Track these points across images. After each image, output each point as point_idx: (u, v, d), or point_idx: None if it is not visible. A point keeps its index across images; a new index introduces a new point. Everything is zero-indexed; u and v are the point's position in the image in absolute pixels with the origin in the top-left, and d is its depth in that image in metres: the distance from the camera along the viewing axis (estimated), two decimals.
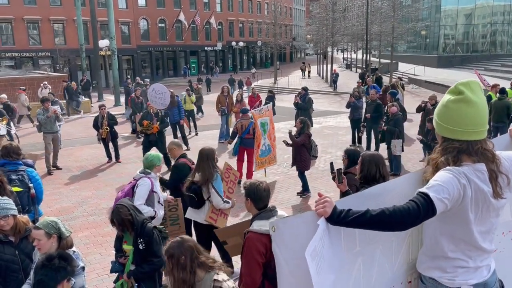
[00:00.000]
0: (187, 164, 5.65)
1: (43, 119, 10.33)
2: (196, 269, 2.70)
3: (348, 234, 2.15)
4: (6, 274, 3.51)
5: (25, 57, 38.98)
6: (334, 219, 2.02)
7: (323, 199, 2.06)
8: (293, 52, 71.13)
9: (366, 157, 3.74)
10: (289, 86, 34.68)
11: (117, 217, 3.79)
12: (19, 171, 5.16)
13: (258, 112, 9.69)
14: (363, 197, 2.24)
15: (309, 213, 2.10)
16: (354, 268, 2.22)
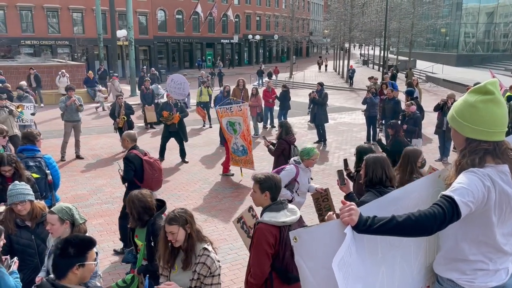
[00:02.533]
0: (138, 156, 5.74)
1: (63, 107, 10.48)
2: (195, 236, 3.05)
3: (370, 241, 2.11)
4: (22, 258, 3.59)
5: (44, 45, 39.46)
6: (360, 227, 1.96)
7: (348, 206, 1.99)
8: (310, 46, 70.67)
9: (370, 159, 3.65)
10: (305, 81, 34.48)
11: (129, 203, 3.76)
12: (37, 157, 5.24)
13: (226, 110, 9.03)
14: (385, 202, 2.19)
15: (335, 221, 2.04)
16: (378, 275, 2.17)
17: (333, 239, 1.96)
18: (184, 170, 10.09)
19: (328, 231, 2.02)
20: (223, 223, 7.02)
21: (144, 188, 5.35)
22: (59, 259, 2.35)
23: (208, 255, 2.98)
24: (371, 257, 2.13)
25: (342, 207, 2.02)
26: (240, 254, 5.93)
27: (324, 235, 2.01)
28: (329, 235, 2.00)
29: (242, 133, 8.90)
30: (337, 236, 1.96)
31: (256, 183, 3.35)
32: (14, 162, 4.43)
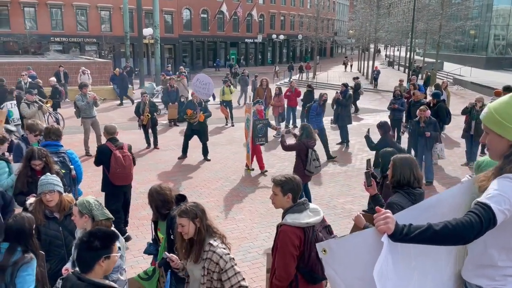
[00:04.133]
0: (108, 148, 6.15)
1: (83, 104, 10.66)
2: (205, 230, 3.07)
3: (404, 249, 2.05)
4: (50, 249, 3.70)
5: (73, 42, 40.43)
6: (397, 236, 1.91)
7: (383, 214, 1.94)
8: (334, 47, 70.09)
9: (398, 160, 3.59)
10: (328, 81, 34.24)
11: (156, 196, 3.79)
12: (60, 153, 5.35)
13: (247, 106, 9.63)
14: (420, 209, 2.14)
15: (369, 230, 1.99)
16: (410, 283, 2.12)
17: (368, 249, 1.90)
18: (206, 167, 10.18)
19: (362, 240, 1.96)
20: (244, 222, 7.04)
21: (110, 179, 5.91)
22: (86, 252, 2.40)
23: (214, 251, 2.98)
24: (404, 265, 2.08)
25: (377, 214, 1.96)
26: (261, 253, 5.95)
27: (357, 245, 1.95)
28: (364, 244, 1.93)
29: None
30: (372, 245, 1.90)
31: (278, 185, 3.29)
32: (44, 156, 4.55)
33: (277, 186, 3.28)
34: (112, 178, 6.05)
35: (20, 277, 2.99)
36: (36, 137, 5.77)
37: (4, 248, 3.07)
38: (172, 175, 9.53)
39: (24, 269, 3.01)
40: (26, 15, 38.27)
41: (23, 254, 3.06)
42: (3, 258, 3.02)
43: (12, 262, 3.00)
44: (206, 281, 3.01)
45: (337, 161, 10.87)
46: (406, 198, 3.40)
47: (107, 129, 6.55)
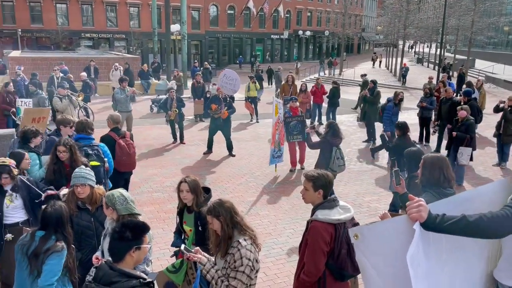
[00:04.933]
0: (112, 137, 6.37)
1: (121, 98, 10.89)
2: (231, 228, 3.05)
3: (436, 241, 2.05)
4: (81, 239, 3.82)
5: (102, 38, 41.33)
6: (430, 224, 1.91)
7: (416, 202, 1.95)
8: (361, 43, 69.08)
9: (428, 159, 3.53)
10: (355, 78, 33.80)
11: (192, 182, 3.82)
12: (94, 146, 5.51)
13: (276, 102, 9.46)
14: (455, 202, 2.13)
15: (401, 217, 2.00)
16: (440, 277, 2.11)
17: (399, 236, 1.92)
18: (231, 163, 10.24)
19: (393, 227, 1.97)
20: (268, 218, 7.06)
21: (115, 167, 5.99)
22: (118, 243, 2.46)
23: (239, 250, 2.98)
24: (435, 257, 2.07)
25: (410, 202, 1.97)
26: (284, 249, 5.96)
27: (388, 231, 1.97)
28: (395, 231, 1.95)
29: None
30: (404, 232, 1.91)
31: (309, 181, 3.30)
32: (69, 145, 4.67)
33: (309, 182, 3.29)
34: (118, 165, 6.26)
35: (48, 264, 3.09)
36: (71, 129, 5.97)
37: (38, 236, 3.18)
38: (197, 169, 9.63)
39: (54, 257, 3.11)
40: (58, 11, 39.31)
41: (56, 242, 3.17)
42: (37, 245, 3.13)
43: (44, 249, 3.11)
44: (222, 275, 3.05)
45: (363, 159, 10.75)
46: (435, 198, 3.34)
47: (113, 118, 6.73)
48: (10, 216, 4.16)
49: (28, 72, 15.25)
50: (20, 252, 3.18)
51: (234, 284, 2.98)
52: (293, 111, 9.38)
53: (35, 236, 3.18)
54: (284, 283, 5.10)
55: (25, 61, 20.17)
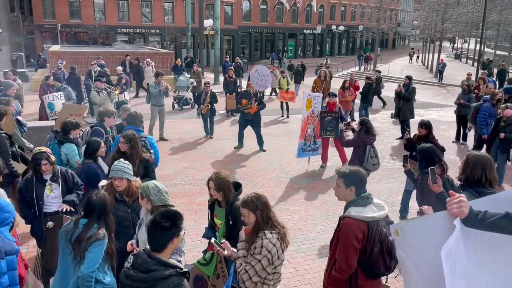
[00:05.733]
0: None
1: (155, 91, 11.12)
2: (265, 222, 3.10)
3: (477, 240, 2.01)
4: (119, 229, 3.95)
5: (137, 33, 42.20)
6: (471, 220, 1.89)
7: (457, 198, 1.93)
8: (397, 38, 67.44)
9: (472, 157, 3.42)
10: (389, 74, 33.09)
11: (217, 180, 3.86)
12: (142, 137, 5.66)
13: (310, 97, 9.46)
14: (498, 199, 2.07)
15: (441, 213, 1.98)
16: (482, 278, 2.06)
17: (438, 231, 1.90)
18: (261, 158, 10.27)
19: (434, 223, 1.96)
20: (298, 213, 7.05)
21: None
22: (162, 234, 2.52)
23: (262, 239, 3.03)
24: (476, 257, 2.03)
25: (450, 198, 1.95)
26: (315, 245, 5.94)
27: (428, 227, 1.95)
28: (435, 227, 1.93)
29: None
30: (444, 228, 1.89)
31: (341, 177, 3.27)
32: (130, 139, 4.82)
33: (341, 178, 3.26)
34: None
35: (91, 252, 3.21)
36: (114, 119, 6.19)
37: (82, 224, 3.31)
38: (228, 164, 9.72)
39: (96, 245, 3.23)
40: (95, 7, 40.40)
41: (98, 230, 3.29)
42: (81, 232, 3.26)
43: (87, 236, 3.24)
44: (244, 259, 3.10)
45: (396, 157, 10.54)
46: (475, 198, 3.24)
47: (125, 108, 7.36)
48: (50, 205, 4.34)
49: (67, 66, 15.77)
50: (64, 239, 3.32)
51: (247, 269, 3.03)
52: (329, 106, 9.26)
53: (79, 224, 3.32)
54: (314, 279, 5.09)
55: (65, 56, 20.86)
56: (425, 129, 6.54)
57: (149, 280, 2.40)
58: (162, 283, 2.40)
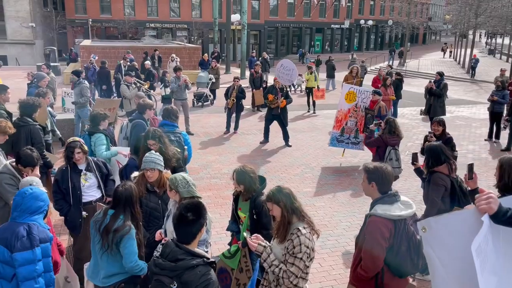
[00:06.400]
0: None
1: (175, 87, 11.27)
2: (291, 213, 3.10)
3: (506, 238, 1.97)
4: (149, 219, 4.05)
5: (165, 28, 42.68)
6: (500, 217, 1.86)
7: (486, 194, 1.91)
8: (427, 33, 65.77)
9: (506, 161, 3.29)
10: (419, 69, 32.35)
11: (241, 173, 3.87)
12: (176, 133, 5.75)
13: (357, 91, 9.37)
14: None
15: (469, 209, 1.96)
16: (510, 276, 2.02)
17: (466, 228, 1.87)
18: (287, 153, 10.25)
19: (462, 219, 1.93)
20: (324, 209, 7.02)
21: None
22: (186, 226, 2.56)
23: (298, 236, 3.02)
24: (506, 255, 1.99)
25: (479, 195, 1.94)
26: (340, 241, 5.90)
27: (456, 223, 1.93)
28: (463, 223, 1.91)
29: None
30: (472, 224, 1.87)
31: (365, 172, 3.29)
32: (158, 137, 4.91)
33: (365, 173, 3.28)
34: None
35: (125, 248, 3.33)
36: (152, 111, 6.31)
37: (109, 214, 3.41)
38: (253, 158, 9.75)
39: (126, 240, 3.33)
40: (125, 2, 41.05)
41: (124, 222, 3.37)
42: (108, 222, 3.36)
43: (114, 228, 3.33)
44: (279, 262, 3.10)
45: None
46: None
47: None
48: (85, 195, 4.47)
49: (98, 61, 16.13)
50: (93, 228, 3.44)
51: (292, 270, 3.02)
52: (370, 104, 9.14)
53: (107, 214, 3.42)
54: (339, 275, 5.07)
55: (95, 50, 21.35)
56: (442, 126, 6.38)
57: (177, 269, 2.45)
58: (189, 272, 2.45)
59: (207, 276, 2.47)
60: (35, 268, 2.96)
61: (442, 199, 4.53)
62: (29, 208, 3.06)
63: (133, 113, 6.80)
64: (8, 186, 3.99)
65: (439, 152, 4.56)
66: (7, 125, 5.01)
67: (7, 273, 2.95)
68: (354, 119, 9.30)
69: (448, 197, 4.57)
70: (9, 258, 2.93)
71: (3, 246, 2.94)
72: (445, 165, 4.53)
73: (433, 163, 4.58)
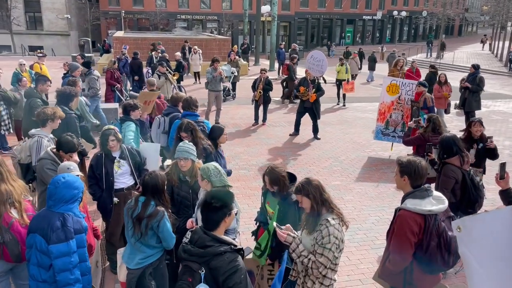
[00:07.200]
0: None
1: (210, 77, 11.35)
2: (320, 205, 3.12)
3: None
4: (180, 208, 4.13)
5: (196, 19, 42.99)
6: None
7: None
8: (463, 25, 63.48)
9: None
10: (454, 62, 31.32)
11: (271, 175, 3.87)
12: (199, 122, 5.82)
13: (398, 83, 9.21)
14: None
15: (508, 208, 1.91)
16: None
17: (503, 227, 1.82)
18: (316, 146, 10.18)
19: (497, 218, 1.89)
20: (352, 203, 6.95)
21: None
22: (214, 213, 2.62)
23: (327, 227, 3.03)
24: None
25: None
26: (369, 235, 5.84)
27: (495, 223, 1.88)
28: (499, 222, 1.86)
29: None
30: (508, 223, 1.80)
31: (397, 165, 3.28)
32: (190, 129, 5.00)
33: (397, 166, 3.26)
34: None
35: (162, 232, 3.45)
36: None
37: (141, 202, 3.49)
38: (282, 150, 9.73)
39: (162, 225, 3.43)
40: None
41: (156, 207, 3.46)
42: (140, 210, 3.45)
43: (147, 214, 3.41)
44: (308, 253, 3.11)
45: None
46: None
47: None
48: (117, 182, 4.60)
49: (130, 52, 16.41)
50: (127, 215, 3.54)
51: (321, 261, 3.03)
52: (415, 95, 8.90)
53: (138, 202, 3.51)
54: (367, 269, 5.03)
55: (128, 41, 21.72)
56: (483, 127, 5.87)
57: (205, 255, 2.50)
58: (217, 259, 2.49)
59: (235, 263, 2.51)
60: (70, 260, 3.03)
61: (453, 191, 4.45)
62: (63, 197, 3.09)
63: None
64: (49, 170, 4.15)
65: (451, 144, 4.48)
66: (59, 111, 5.20)
67: (45, 263, 3.04)
68: (399, 112, 9.15)
69: (459, 189, 4.48)
70: (46, 249, 3.01)
71: (40, 236, 3.02)
72: (457, 157, 4.45)
73: (445, 155, 4.48)
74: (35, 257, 3.06)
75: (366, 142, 10.56)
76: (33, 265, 3.08)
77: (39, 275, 3.06)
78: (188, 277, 2.52)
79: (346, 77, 15.21)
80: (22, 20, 36.16)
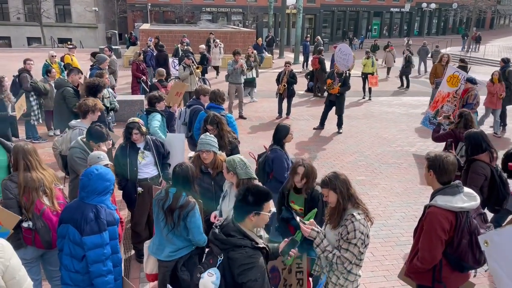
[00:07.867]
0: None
1: (230, 70, 11.37)
2: (347, 200, 3.07)
3: None
4: (202, 200, 4.11)
5: (221, 12, 43.05)
6: None
7: None
8: (495, 17, 61.39)
9: None
10: (484, 56, 30.37)
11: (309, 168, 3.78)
12: (222, 115, 5.83)
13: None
14: None
15: None
16: None
17: None
18: (340, 140, 10.07)
19: None
20: (377, 199, 6.85)
21: None
22: (240, 205, 2.62)
23: (353, 222, 2.99)
24: None
25: None
26: (394, 232, 5.75)
27: None
28: None
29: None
30: None
31: (426, 160, 3.23)
32: (216, 122, 5.03)
33: (426, 161, 3.21)
34: None
35: (191, 223, 3.46)
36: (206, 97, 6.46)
37: (172, 193, 3.52)
38: (306, 144, 9.67)
39: (192, 216, 3.46)
40: None
41: (188, 199, 3.49)
42: (171, 202, 3.48)
43: (179, 205, 3.45)
44: (333, 248, 3.08)
45: None
46: None
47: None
48: (141, 172, 4.67)
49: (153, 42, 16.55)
50: (156, 206, 3.58)
51: (346, 256, 3.00)
52: (462, 92, 8.69)
53: (169, 193, 3.53)
54: (392, 265, 4.95)
55: (154, 34, 21.89)
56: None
57: (226, 243, 2.53)
58: (236, 250, 2.50)
59: (253, 259, 2.50)
60: (103, 252, 3.06)
61: (481, 189, 4.32)
62: (96, 189, 3.12)
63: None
64: (79, 159, 4.24)
65: (480, 140, 4.35)
66: (99, 103, 5.32)
67: (78, 254, 3.08)
68: (451, 105, 8.83)
69: (487, 187, 4.36)
70: (79, 240, 3.04)
71: (74, 227, 3.05)
72: (486, 153, 4.33)
73: (473, 151, 4.36)
74: (68, 248, 3.10)
75: (392, 137, 10.37)
76: (66, 255, 3.12)
77: (71, 265, 3.10)
78: (211, 258, 2.58)
79: (372, 70, 14.95)
80: (52, 12, 36.99)
